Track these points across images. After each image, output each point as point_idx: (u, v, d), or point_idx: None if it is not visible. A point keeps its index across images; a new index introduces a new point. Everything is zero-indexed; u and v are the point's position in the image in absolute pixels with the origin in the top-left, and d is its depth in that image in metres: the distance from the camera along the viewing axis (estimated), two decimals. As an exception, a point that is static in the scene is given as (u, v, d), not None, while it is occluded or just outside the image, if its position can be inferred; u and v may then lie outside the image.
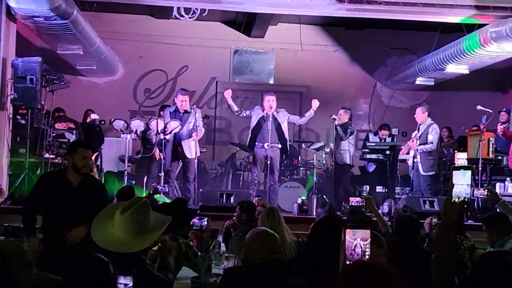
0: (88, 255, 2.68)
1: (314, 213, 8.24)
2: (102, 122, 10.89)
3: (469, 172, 2.79)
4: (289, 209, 9.33)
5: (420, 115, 8.98)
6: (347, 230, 2.34)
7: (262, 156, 8.79)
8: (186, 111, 8.64)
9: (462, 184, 2.76)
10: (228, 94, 8.94)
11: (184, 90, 9.03)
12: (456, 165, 2.89)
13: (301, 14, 10.20)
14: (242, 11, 9.88)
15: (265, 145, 8.70)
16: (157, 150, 8.47)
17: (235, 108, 8.98)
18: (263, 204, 6.41)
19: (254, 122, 8.84)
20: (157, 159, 8.46)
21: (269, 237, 3.36)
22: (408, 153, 9.35)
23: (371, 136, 10.70)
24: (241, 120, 10.24)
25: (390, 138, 10.59)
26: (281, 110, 8.94)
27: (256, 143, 8.83)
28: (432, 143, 8.81)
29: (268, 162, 8.69)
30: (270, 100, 8.82)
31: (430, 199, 8.08)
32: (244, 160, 10.30)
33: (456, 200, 2.76)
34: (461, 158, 2.98)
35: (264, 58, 12.45)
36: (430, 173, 8.90)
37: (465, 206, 2.78)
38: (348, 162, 9.54)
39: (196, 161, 8.75)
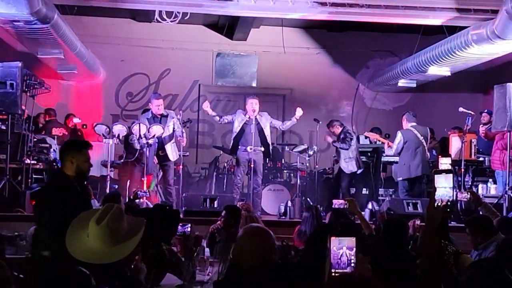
0: (68, 268, 2.60)
1: (298, 216, 8.24)
2: (84, 126, 10.79)
3: (451, 175, 2.79)
4: (273, 212, 9.37)
5: (403, 123, 9.10)
6: (332, 238, 2.32)
7: (245, 159, 8.79)
8: (162, 115, 8.62)
9: (444, 187, 2.75)
10: (206, 106, 8.92)
11: (158, 94, 9.04)
12: (438, 169, 2.88)
13: (283, 17, 10.20)
14: (224, 14, 9.86)
15: (248, 148, 8.68)
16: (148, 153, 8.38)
17: (217, 118, 9.01)
18: (247, 208, 6.39)
19: (237, 127, 8.84)
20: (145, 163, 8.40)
21: (269, 237, 3.05)
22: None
23: (361, 138, 10.71)
24: (224, 123, 10.20)
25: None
26: (264, 113, 8.94)
27: (239, 147, 8.83)
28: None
29: (252, 166, 8.68)
30: (253, 103, 8.81)
31: (414, 201, 8.11)
32: (228, 164, 10.28)
33: (439, 204, 2.74)
34: (444, 163, 2.98)
35: (246, 61, 12.44)
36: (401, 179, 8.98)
37: (448, 209, 2.77)
38: (355, 169, 9.42)
39: (180, 166, 8.72)
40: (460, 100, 10.73)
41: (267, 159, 9.56)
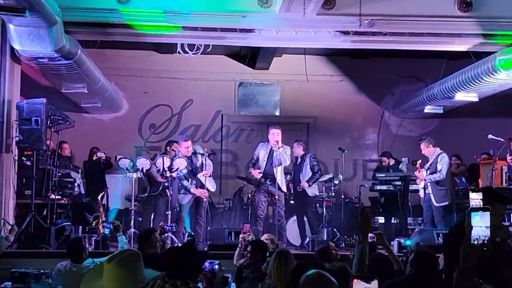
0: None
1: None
2: (109, 158, 10.91)
3: (488, 214, 2.74)
4: (299, 243, 9.38)
5: (426, 150, 9.09)
6: (355, 281, 2.31)
7: (266, 191, 9.01)
8: (192, 153, 8.88)
9: (480, 226, 2.71)
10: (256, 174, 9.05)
11: (186, 136, 9.25)
12: (473, 206, 2.85)
13: (306, 47, 10.29)
14: (246, 45, 9.97)
15: (268, 181, 8.94)
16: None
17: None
18: (272, 239, 6.40)
19: (263, 162, 9.00)
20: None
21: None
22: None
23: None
24: (248, 153, 10.27)
25: (397, 164, 10.59)
26: (287, 148, 9.05)
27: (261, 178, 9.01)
28: (440, 171, 8.83)
29: (277, 197, 8.75)
30: (275, 134, 8.93)
31: (444, 231, 8.00)
32: (252, 194, 10.29)
33: (475, 243, 2.71)
34: (475, 198, 2.93)
35: (269, 90, 12.53)
36: (443, 204, 8.87)
37: (485, 248, 2.72)
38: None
39: (205, 197, 8.80)
40: (489, 125, 10.64)
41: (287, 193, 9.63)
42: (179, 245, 7.31)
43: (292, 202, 9.94)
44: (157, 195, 8.81)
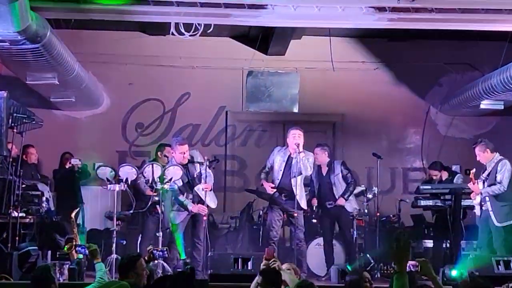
0: None
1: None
2: (85, 166, 10.90)
3: None
4: (324, 273, 9.36)
5: (482, 155, 8.98)
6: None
7: (281, 207, 9.03)
8: (189, 161, 8.85)
9: None
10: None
11: (182, 139, 9.21)
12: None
13: (331, 27, 10.26)
14: (257, 25, 9.95)
15: (282, 195, 8.99)
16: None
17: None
18: (294, 269, 6.40)
19: (278, 172, 9.02)
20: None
21: None
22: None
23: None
24: (259, 159, 10.26)
25: (448, 176, 10.54)
26: (310, 155, 9.05)
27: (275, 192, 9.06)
28: (501, 183, 8.76)
29: (296, 215, 8.75)
30: (295, 136, 8.93)
31: (506, 258, 7.93)
32: (264, 211, 10.29)
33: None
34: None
35: (285, 81, 12.50)
36: (506, 224, 8.78)
37: None
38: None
39: (204, 216, 8.77)
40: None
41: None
42: (173, 273, 7.29)
43: (314, 221, 9.93)
44: (146, 212, 8.81)
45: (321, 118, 12.55)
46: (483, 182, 8.93)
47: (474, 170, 8.99)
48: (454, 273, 7.79)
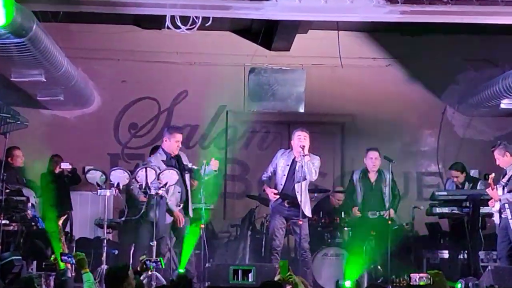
0: None
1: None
2: (74, 170, 10.90)
3: None
4: (330, 285, 9.39)
5: (501, 159, 8.97)
6: None
7: (284, 214, 9.06)
8: (179, 156, 8.88)
9: None
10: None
11: (179, 127, 9.19)
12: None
13: (340, 20, 10.25)
14: (259, 18, 9.94)
15: (285, 202, 9.00)
16: None
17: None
18: (304, 283, 6.39)
19: (282, 176, 9.03)
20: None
21: None
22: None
23: (448, 183, 10.68)
24: (261, 163, 10.24)
25: (469, 183, 10.50)
26: (316, 158, 9.03)
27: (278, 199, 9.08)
28: None
29: (301, 223, 8.76)
30: (301, 138, 8.96)
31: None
32: (266, 219, 10.27)
33: None
34: None
35: (290, 78, 12.50)
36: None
37: None
38: None
39: (202, 224, 8.78)
40: None
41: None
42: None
43: (319, 229, 9.93)
44: (139, 219, 8.78)
45: (329, 119, 12.53)
46: (503, 188, 8.89)
47: (493, 174, 8.96)
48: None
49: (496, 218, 9.09)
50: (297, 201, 8.87)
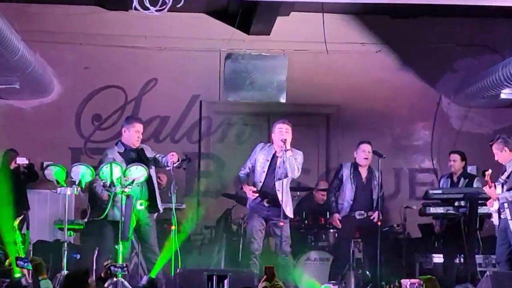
0: None
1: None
2: (32, 166, 10.86)
3: None
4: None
5: (500, 154, 8.98)
6: None
7: (263, 215, 9.04)
8: (139, 149, 8.89)
9: None
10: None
11: (139, 117, 9.17)
12: None
13: (325, 1, 10.26)
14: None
15: (265, 201, 8.97)
16: None
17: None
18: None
19: (261, 173, 9.04)
20: None
21: None
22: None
23: (442, 180, 10.76)
24: (239, 158, 10.23)
25: (464, 179, 10.54)
26: (297, 153, 9.05)
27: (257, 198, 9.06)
28: None
29: (282, 224, 8.76)
30: (282, 131, 8.96)
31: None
32: (244, 220, 10.29)
33: None
34: None
35: (271, 65, 12.50)
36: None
37: None
38: None
39: (172, 225, 8.77)
40: None
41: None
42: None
43: (302, 231, 9.97)
44: (103, 221, 8.76)
45: (313, 110, 12.61)
46: (502, 186, 8.91)
47: (490, 171, 8.97)
48: None
49: (494, 219, 9.11)
50: (277, 200, 8.87)
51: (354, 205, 9.98)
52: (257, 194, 9.03)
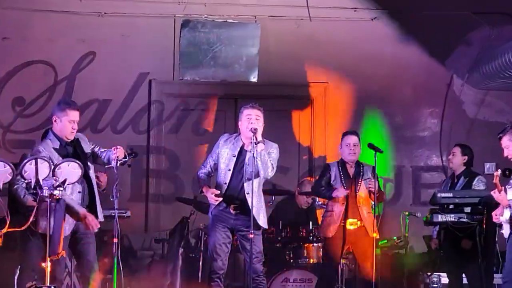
0: None
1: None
2: None
3: None
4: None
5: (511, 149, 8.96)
6: None
7: (229, 225, 8.99)
8: (76, 141, 8.79)
9: None
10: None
11: (72, 102, 9.02)
12: None
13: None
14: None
15: (231, 207, 8.90)
16: None
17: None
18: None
19: (226, 169, 8.97)
20: None
21: None
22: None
23: (444, 182, 10.81)
24: (198, 153, 10.28)
25: (464, 177, 10.58)
26: (271, 145, 9.01)
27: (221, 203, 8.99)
28: None
29: (252, 236, 8.72)
30: (252, 117, 8.89)
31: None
32: (205, 232, 10.35)
33: None
34: None
35: (239, 36, 12.46)
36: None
37: None
38: None
39: (115, 238, 8.74)
40: None
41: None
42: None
43: (278, 245, 10.00)
44: (26, 232, 8.72)
45: (292, 92, 12.68)
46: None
47: (499, 172, 8.85)
48: None
49: (505, 230, 9.06)
50: (247, 206, 8.83)
51: (344, 212, 9.99)
52: (221, 199, 8.99)
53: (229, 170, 8.95)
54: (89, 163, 8.78)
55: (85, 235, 8.81)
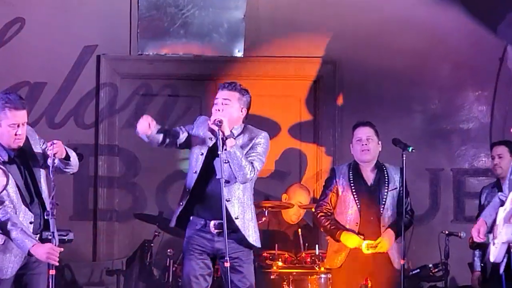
0: None
1: None
2: None
3: None
4: None
5: None
6: None
7: (210, 251, 8.81)
8: (25, 148, 8.53)
9: None
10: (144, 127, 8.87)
11: (16, 97, 8.77)
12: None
13: None
14: None
15: (212, 224, 8.66)
16: None
17: (156, 138, 8.99)
18: None
19: (198, 161, 8.76)
20: None
21: None
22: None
23: (485, 193, 10.87)
24: (163, 154, 10.21)
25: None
26: (257, 133, 8.79)
27: (193, 215, 8.79)
28: None
29: (228, 265, 8.54)
30: (218, 103, 8.71)
31: None
32: (176, 260, 10.33)
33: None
34: None
35: (217, -1, 12.53)
36: None
37: None
38: None
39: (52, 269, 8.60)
40: None
41: None
42: None
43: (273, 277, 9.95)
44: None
45: (291, 70, 12.67)
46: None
47: None
48: None
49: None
50: (231, 220, 8.67)
51: (360, 230, 9.87)
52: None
53: (202, 162, 8.78)
54: (41, 169, 8.57)
55: (35, 264, 8.64)
